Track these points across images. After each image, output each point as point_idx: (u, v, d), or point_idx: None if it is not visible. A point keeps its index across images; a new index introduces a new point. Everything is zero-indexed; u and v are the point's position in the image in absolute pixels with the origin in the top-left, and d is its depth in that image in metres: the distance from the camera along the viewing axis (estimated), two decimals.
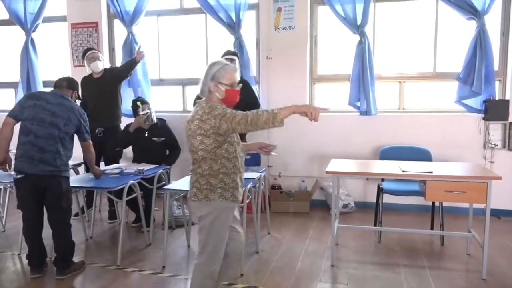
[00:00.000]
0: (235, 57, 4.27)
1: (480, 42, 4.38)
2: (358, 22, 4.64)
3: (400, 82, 4.86)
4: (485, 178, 3.02)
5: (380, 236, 3.89)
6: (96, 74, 4.56)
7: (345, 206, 4.67)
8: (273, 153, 2.66)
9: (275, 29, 4.98)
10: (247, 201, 3.39)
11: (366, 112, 4.69)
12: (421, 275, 3.18)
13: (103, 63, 4.60)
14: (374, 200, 3.96)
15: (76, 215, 4.28)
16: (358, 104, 4.75)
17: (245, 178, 3.48)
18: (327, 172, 3.27)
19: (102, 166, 4.31)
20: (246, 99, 4.33)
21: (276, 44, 4.97)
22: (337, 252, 3.60)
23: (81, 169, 4.50)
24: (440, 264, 3.40)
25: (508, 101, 4.41)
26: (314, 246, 3.78)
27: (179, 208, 4.27)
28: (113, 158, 4.52)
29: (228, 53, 4.32)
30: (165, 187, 3.48)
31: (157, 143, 4.37)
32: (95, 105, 4.47)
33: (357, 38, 4.69)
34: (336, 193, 3.63)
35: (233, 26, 5.01)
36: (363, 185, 4.87)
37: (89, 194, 4.47)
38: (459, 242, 3.75)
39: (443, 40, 4.70)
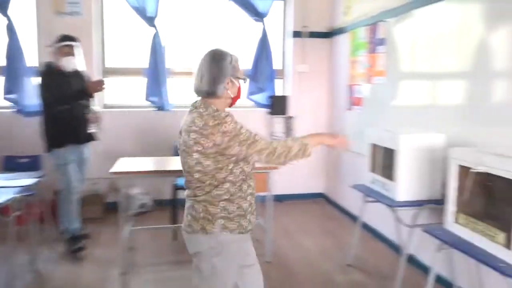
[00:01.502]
0: (77, 43, 3.43)
1: (264, 43, 4.77)
2: (149, 14, 4.47)
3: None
4: (264, 168, 3.25)
5: (176, 234, 3.84)
6: None
7: (142, 205, 4.46)
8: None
9: (57, 14, 4.38)
10: (17, 214, 2.87)
11: (161, 108, 4.59)
12: None
13: None
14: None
15: None
16: (155, 99, 4.60)
17: (13, 187, 2.99)
18: (110, 173, 3.03)
19: None
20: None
21: (59, 30, 4.32)
22: (134, 256, 3.39)
23: None
24: None
25: (286, 97, 4.93)
26: (104, 255, 3.48)
27: None
28: None
29: (65, 38, 3.38)
30: None
31: None
32: None
33: (153, 31, 4.52)
34: (131, 194, 3.47)
35: None
36: (160, 182, 4.74)
37: None
38: None
39: (237, 39, 4.88)
